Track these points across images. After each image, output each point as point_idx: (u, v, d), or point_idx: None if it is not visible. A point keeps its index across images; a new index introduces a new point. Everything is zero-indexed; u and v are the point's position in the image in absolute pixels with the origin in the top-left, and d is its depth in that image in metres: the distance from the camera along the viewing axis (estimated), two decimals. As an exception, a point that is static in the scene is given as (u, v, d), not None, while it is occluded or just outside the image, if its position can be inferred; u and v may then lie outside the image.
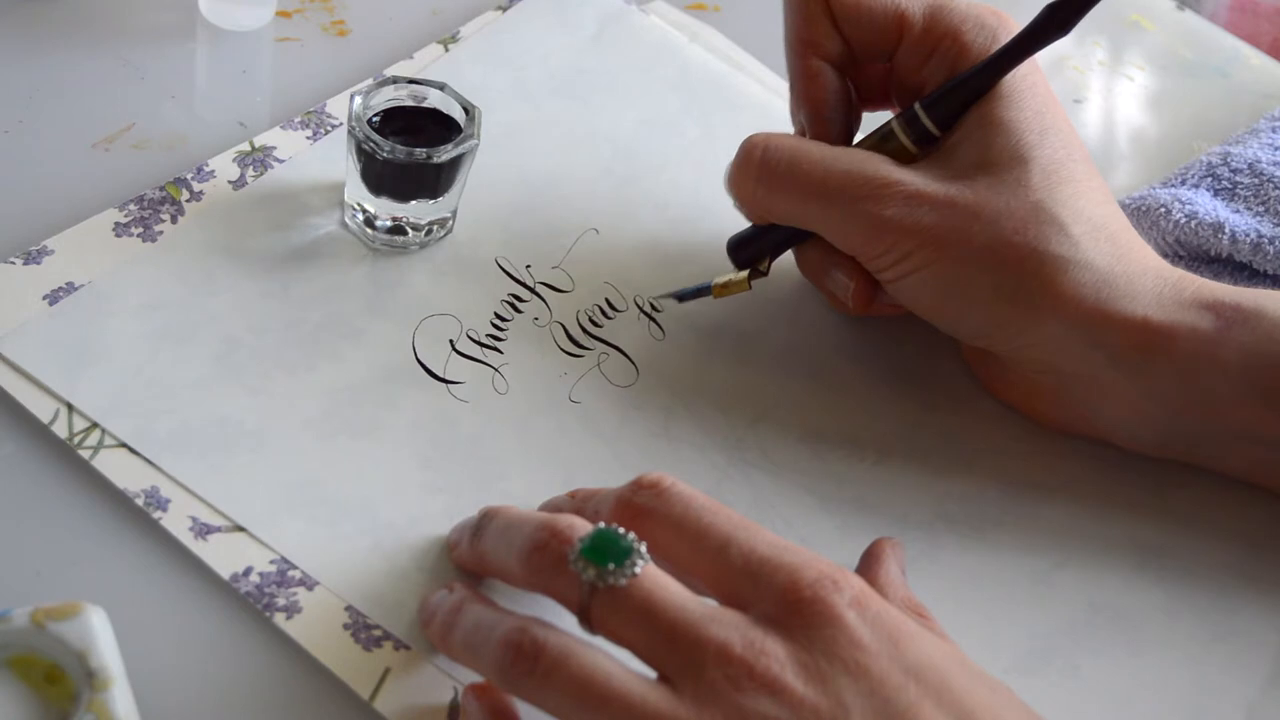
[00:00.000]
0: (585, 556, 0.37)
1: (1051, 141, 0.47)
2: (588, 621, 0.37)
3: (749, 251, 0.50)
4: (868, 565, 0.45)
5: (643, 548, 0.37)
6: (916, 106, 0.47)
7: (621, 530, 0.37)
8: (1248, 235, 0.56)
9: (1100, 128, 0.68)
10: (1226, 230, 0.56)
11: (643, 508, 0.39)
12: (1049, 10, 0.45)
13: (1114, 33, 0.72)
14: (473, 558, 0.42)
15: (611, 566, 0.36)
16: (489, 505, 0.43)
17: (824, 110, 0.49)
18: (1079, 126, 0.67)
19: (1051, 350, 0.46)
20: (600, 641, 0.37)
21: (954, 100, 0.47)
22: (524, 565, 0.38)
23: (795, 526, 0.47)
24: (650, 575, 0.37)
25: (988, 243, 0.45)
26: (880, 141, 0.48)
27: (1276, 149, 0.61)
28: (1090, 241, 0.45)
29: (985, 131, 0.46)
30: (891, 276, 0.47)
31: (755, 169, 0.47)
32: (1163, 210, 0.57)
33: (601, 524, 0.38)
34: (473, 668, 0.39)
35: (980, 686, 0.37)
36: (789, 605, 0.36)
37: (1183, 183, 0.60)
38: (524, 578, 0.39)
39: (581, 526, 0.38)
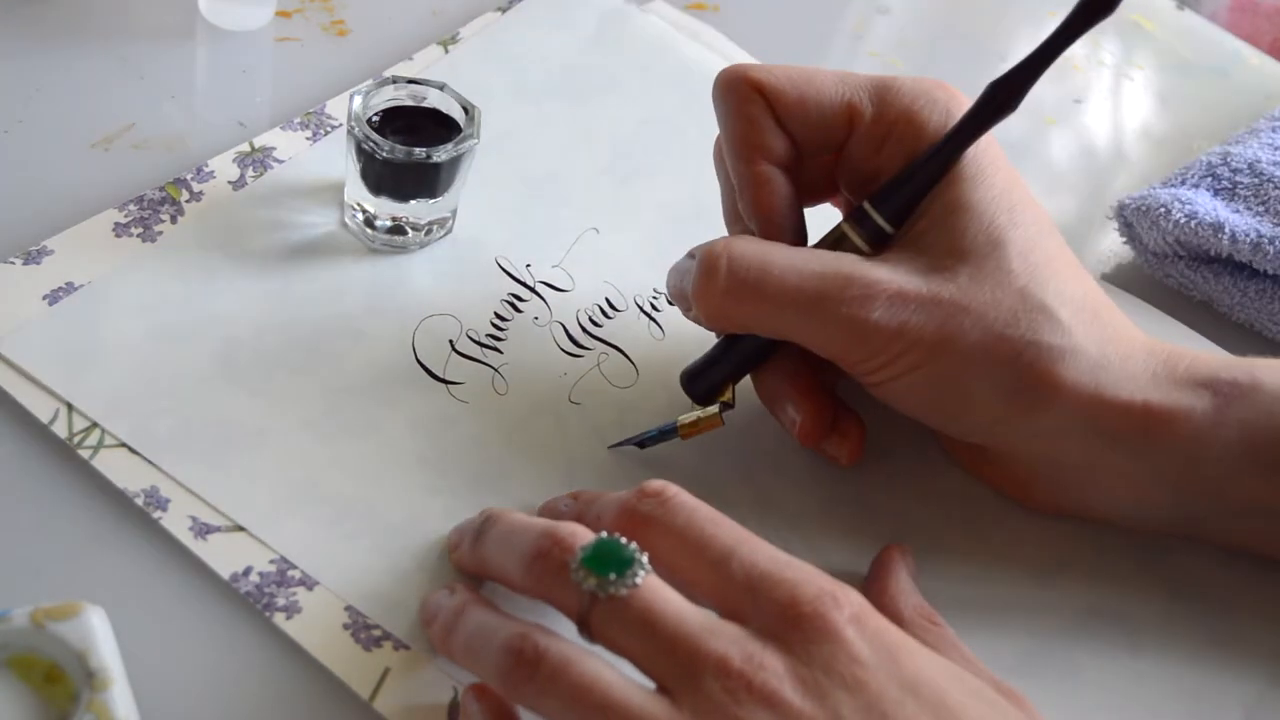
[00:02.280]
0: (586, 566, 0.37)
1: (1023, 219, 0.44)
2: (587, 630, 0.37)
3: (708, 382, 0.47)
4: (877, 573, 0.45)
5: (644, 558, 0.37)
6: (865, 205, 0.45)
7: (623, 540, 0.37)
8: (1248, 235, 0.56)
9: (1100, 128, 0.68)
10: (1226, 230, 0.56)
11: (646, 516, 0.39)
12: (991, 90, 0.43)
13: (1114, 33, 0.72)
14: (474, 561, 0.42)
15: (613, 576, 0.37)
16: (490, 508, 0.43)
17: (776, 216, 0.46)
18: (1079, 127, 0.68)
19: (1051, 442, 0.45)
20: (600, 651, 0.37)
21: (905, 193, 0.45)
22: (525, 573, 0.39)
23: (797, 526, 0.47)
24: (651, 586, 0.37)
25: (980, 339, 0.43)
26: (833, 245, 0.45)
27: (1276, 149, 0.61)
28: (1079, 325, 0.44)
29: (954, 217, 0.44)
30: (879, 379, 0.45)
31: (722, 280, 0.44)
32: (1163, 210, 0.57)
33: (604, 533, 0.38)
34: (473, 671, 0.39)
35: (978, 703, 0.37)
36: (789, 620, 0.36)
37: (1183, 183, 0.60)
38: (525, 585, 0.39)
39: (583, 535, 0.38)
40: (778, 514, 0.48)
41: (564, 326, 0.51)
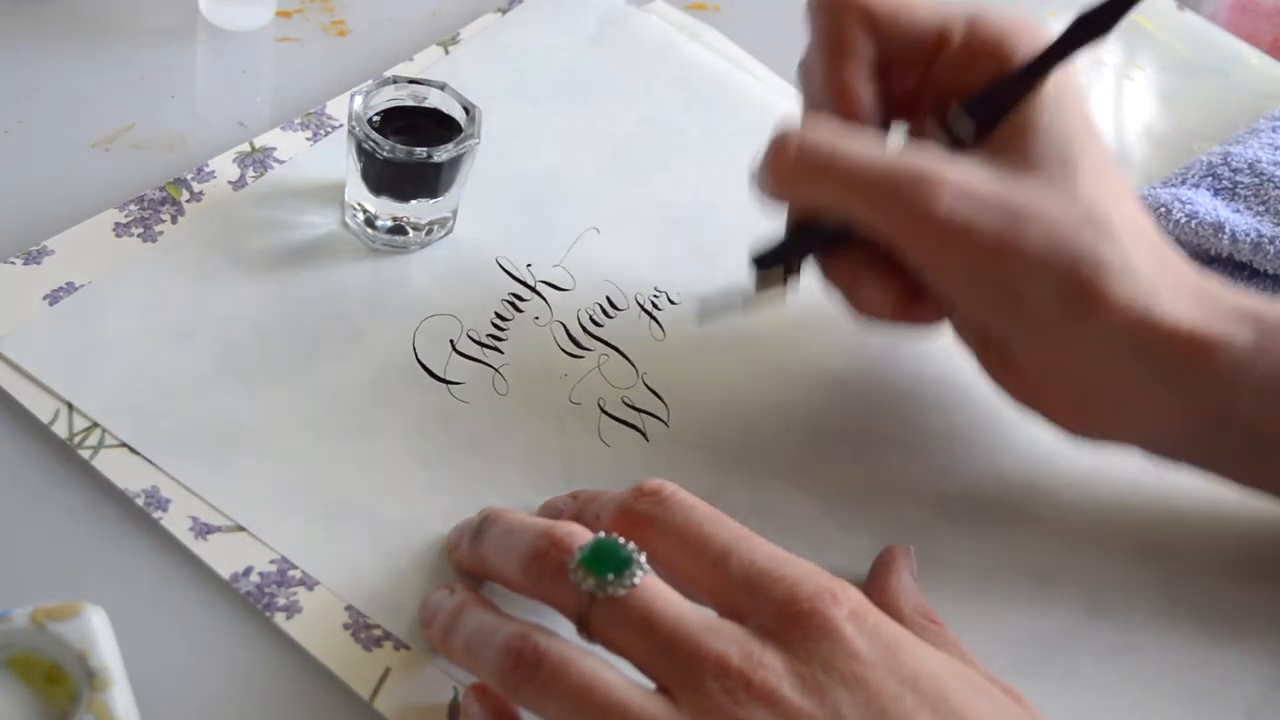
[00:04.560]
0: (585, 566, 0.37)
1: (1095, 147, 0.46)
2: (586, 630, 0.37)
3: (774, 261, 0.48)
4: (879, 573, 0.45)
5: (642, 558, 0.37)
6: (955, 107, 0.46)
7: (622, 540, 0.37)
8: (1248, 235, 0.56)
9: (1100, 128, 0.68)
10: (1226, 230, 0.56)
11: (644, 515, 0.39)
12: (1083, 15, 0.45)
13: (1114, 33, 0.72)
14: (473, 561, 0.42)
15: (611, 577, 0.37)
16: (489, 507, 0.43)
17: (859, 117, 0.47)
18: (1079, 126, 0.68)
19: (1094, 357, 0.45)
20: (600, 650, 0.37)
21: (994, 103, 0.46)
22: (524, 573, 0.39)
23: (796, 526, 0.47)
24: (649, 586, 0.37)
25: (1041, 245, 0.44)
26: (914, 143, 0.47)
27: (1276, 149, 0.61)
28: (1137, 249, 0.45)
29: (1031, 133, 0.45)
30: (939, 274, 0.45)
31: (794, 155, 0.45)
32: (1163, 210, 0.57)
33: (602, 533, 0.38)
34: (473, 671, 0.39)
35: (978, 697, 0.37)
36: (787, 618, 0.36)
37: (1183, 182, 0.60)
38: (523, 585, 0.39)
39: (582, 535, 0.38)
40: (777, 515, 0.48)
41: (564, 326, 0.51)
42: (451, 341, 0.50)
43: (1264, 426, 0.45)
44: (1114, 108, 0.69)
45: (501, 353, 0.50)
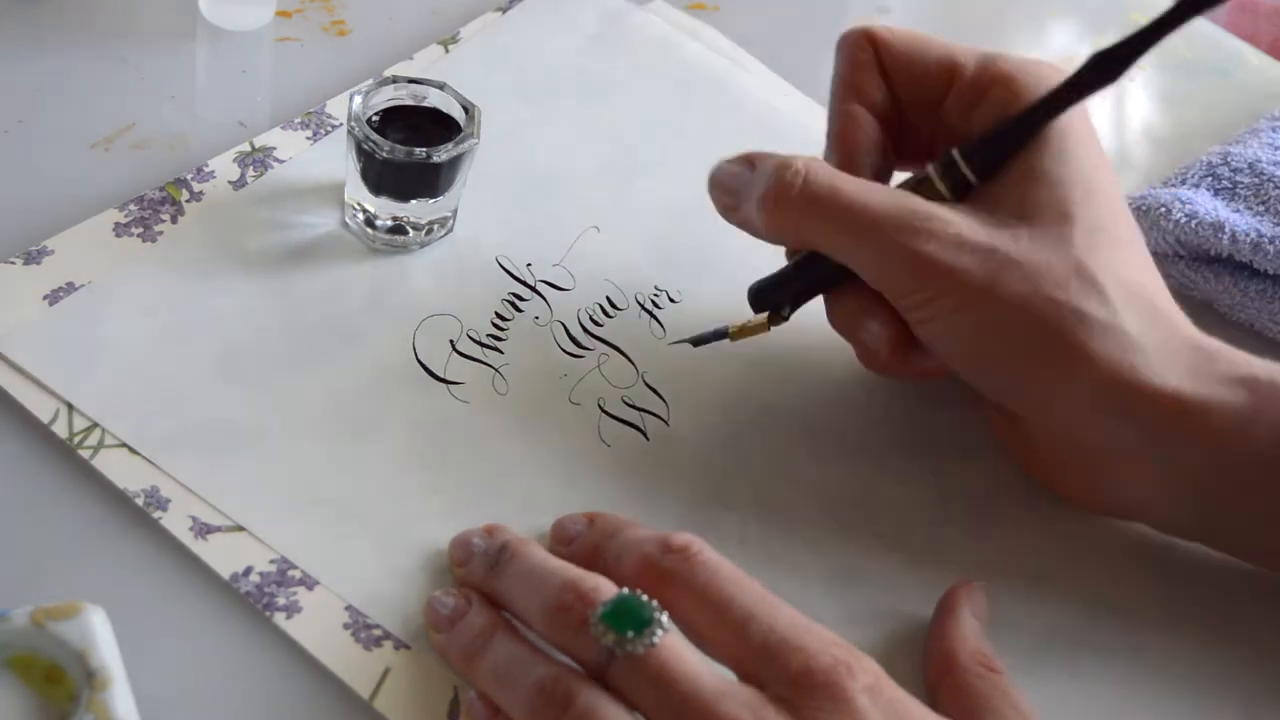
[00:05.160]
0: (606, 621, 0.38)
1: (1097, 200, 0.45)
2: (602, 683, 0.38)
3: (772, 299, 0.48)
4: (939, 618, 0.45)
5: (664, 617, 0.38)
6: (954, 153, 0.46)
7: (645, 598, 0.38)
8: (1248, 235, 0.56)
9: (1100, 128, 0.68)
10: (1226, 230, 0.56)
11: (668, 572, 0.39)
12: (1095, 60, 0.44)
13: (1114, 32, 0.72)
14: (488, 591, 0.42)
15: (631, 634, 0.37)
16: (507, 537, 0.43)
17: (857, 158, 0.47)
18: (1079, 126, 0.68)
19: (1077, 416, 0.44)
20: None
21: (994, 149, 0.45)
22: (545, 621, 0.39)
23: (796, 526, 0.47)
24: (668, 645, 0.37)
25: (1025, 295, 0.43)
26: (916, 186, 0.46)
27: (1276, 149, 0.61)
28: (1127, 307, 0.44)
29: (1030, 183, 0.45)
30: (922, 317, 0.45)
31: (796, 192, 0.45)
32: (1163, 210, 0.57)
33: (625, 590, 0.38)
34: (495, 697, 0.39)
35: None
36: (802, 687, 0.37)
37: (1183, 182, 0.60)
38: (543, 631, 0.40)
39: (606, 590, 0.39)
40: (777, 514, 0.48)
41: (565, 326, 0.51)
42: (451, 341, 0.50)
43: (1258, 497, 0.44)
44: (1114, 108, 0.69)
45: (501, 353, 0.50)
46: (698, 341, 0.50)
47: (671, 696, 0.37)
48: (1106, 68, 0.44)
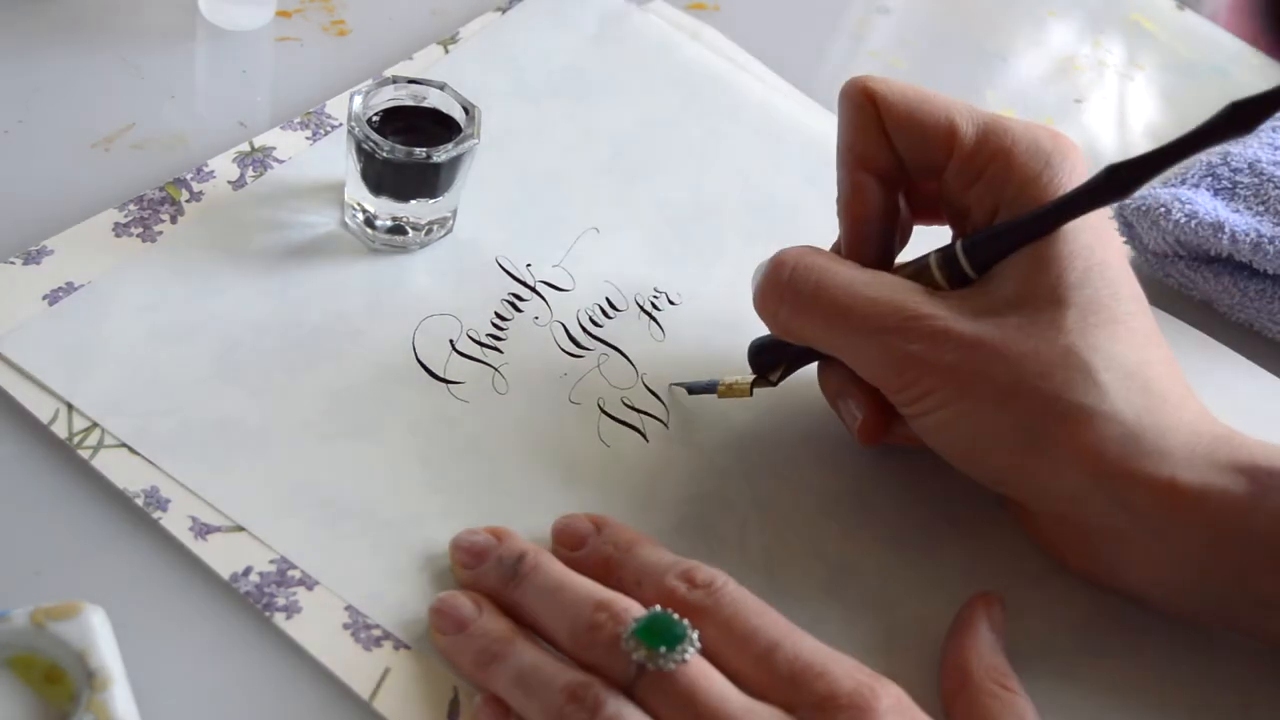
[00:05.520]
0: (639, 636, 0.38)
1: (1095, 280, 0.43)
2: (630, 699, 0.38)
3: (767, 359, 0.49)
4: (956, 631, 0.44)
5: (695, 635, 0.38)
6: (956, 247, 0.45)
7: (676, 616, 0.39)
8: (1248, 235, 0.56)
9: (1101, 128, 0.68)
10: (1226, 230, 0.56)
11: (694, 605, 0.40)
12: (1107, 172, 0.42)
13: (1115, 33, 0.72)
14: (506, 602, 0.42)
15: (663, 650, 0.38)
16: (525, 549, 0.43)
17: (863, 228, 0.47)
18: (1079, 127, 0.68)
19: (1073, 504, 0.43)
20: None
21: (996, 246, 0.44)
22: (574, 640, 0.40)
23: (795, 526, 0.47)
24: (697, 664, 0.38)
25: (1009, 386, 0.42)
26: (915, 273, 0.46)
27: (1276, 148, 0.61)
28: (1120, 391, 0.42)
29: (1026, 266, 0.44)
30: (913, 412, 0.45)
31: (782, 289, 0.45)
32: (1163, 210, 0.57)
33: (658, 607, 0.39)
34: (513, 701, 0.40)
35: None
36: (827, 711, 0.37)
37: (1183, 182, 0.60)
38: (569, 649, 0.40)
39: (637, 609, 0.39)
40: (776, 514, 0.48)
41: (564, 326, 0.51)
42: (451, 341, 0.50)
43: (1264, 580, 0.42)
44: (1114, 108, 0.69)
45: (501, 353, 0.50)
46: (692, 390, 0.50)
47: (699, 714, 0.37)
48: (1119, 181, 0.42)
